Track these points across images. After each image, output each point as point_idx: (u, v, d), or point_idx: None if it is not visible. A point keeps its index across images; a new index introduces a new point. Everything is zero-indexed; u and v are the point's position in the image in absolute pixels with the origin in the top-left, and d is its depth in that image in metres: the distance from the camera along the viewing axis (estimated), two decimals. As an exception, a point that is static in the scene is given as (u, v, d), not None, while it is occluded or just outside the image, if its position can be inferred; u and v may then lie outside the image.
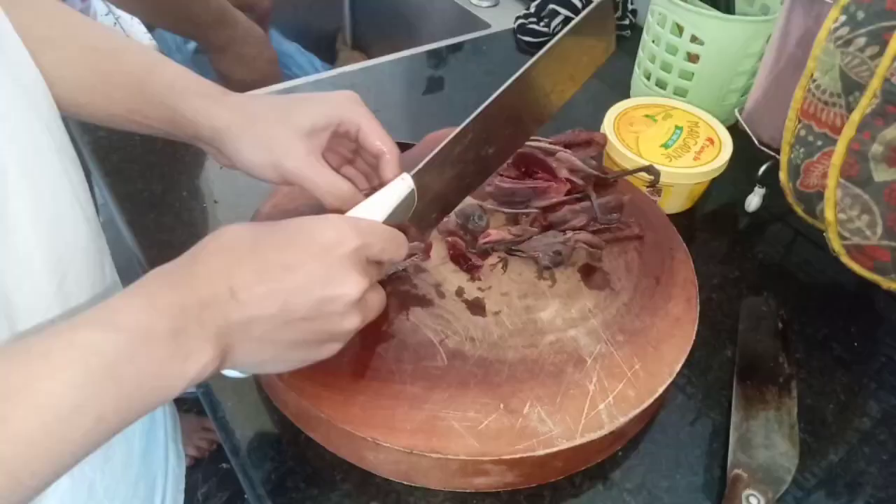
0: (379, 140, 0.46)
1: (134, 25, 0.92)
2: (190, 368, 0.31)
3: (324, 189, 0.44)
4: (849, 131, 0.52)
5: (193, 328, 0.31)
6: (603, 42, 0.51)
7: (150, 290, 0.32)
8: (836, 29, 0.53)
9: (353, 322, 0.36)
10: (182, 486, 0.59)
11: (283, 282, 0.34)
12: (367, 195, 0.44)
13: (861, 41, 0.51)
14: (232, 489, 1.15)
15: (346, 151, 0.51)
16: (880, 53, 0.50)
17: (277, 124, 0.45)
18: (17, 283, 0.36)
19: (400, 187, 0.43)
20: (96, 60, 0.44)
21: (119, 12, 0.94)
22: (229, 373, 0.37)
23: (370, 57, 1.30)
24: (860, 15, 0.51)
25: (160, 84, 0.45)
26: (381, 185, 0.45)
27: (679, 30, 0.73)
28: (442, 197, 0.47)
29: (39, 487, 0.28)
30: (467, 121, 0.45)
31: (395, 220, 0.42)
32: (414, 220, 0.45)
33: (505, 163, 0.55)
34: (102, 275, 0.45)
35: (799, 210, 0.61)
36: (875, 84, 0.49)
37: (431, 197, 0.46)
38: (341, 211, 0.43)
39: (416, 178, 0.43)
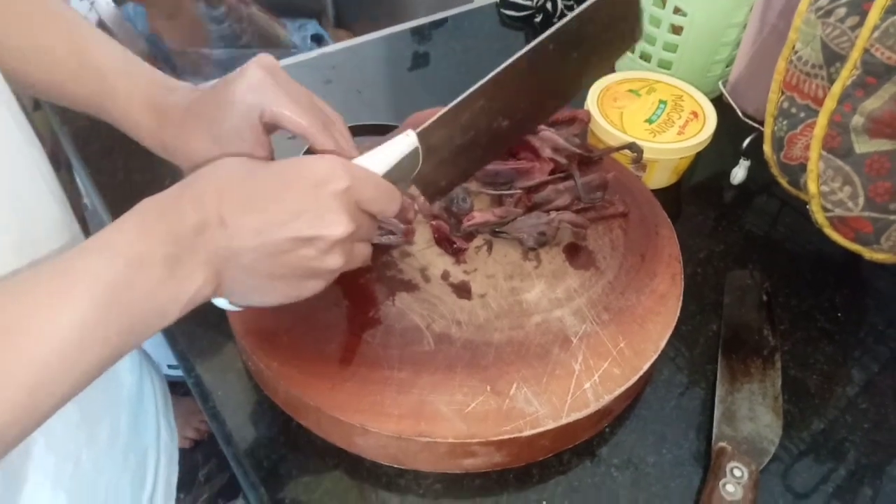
0: (294, 126, 0.41)
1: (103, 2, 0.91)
2: (183, 292, 0.33)
3: (304, 120, 0.41)
4: (830, 103, 0.52)
5: (185, 254, 0.32)
6: (629, 28, 0.49)
7: (143, 218, 0.33)
8: (817, 0, 0.52)
9: (335, 262, 0.36)
10: (176, 459, 0.59)
11: (271, 213, 0.34)
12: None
13: (841, 11, 0.51)
14: (232, 470, 1.17)
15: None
16: (860, 24, 0.50)
17: (215, 148, 0.42)
18: None
19: (403, 143, 0.41)
20: (42, 30, 0.43)
21: (95, -3, 0.93)
22: (219, 302, 0.38)
23: (354, 34, 1.29)
24: (841, -15, 0.51)
25: (89, 69, 0.43)
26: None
27: (662, 2, 0.72)
28: (451, 163, 0.46)
29: (56, 406, 0.30)
30: (477, 85, 0.43)
31: (397, 177, 0.41)
32: (420, 184, 0.45)
33: (520, 139, 0.54)
34: (71, 230, 0.44)
35: (783, 182, 0.61)
36: (855, 55, 0.49)
37: (439, 161, 0.44)
38: (329, 150, 0.41)
39: (421, 136, 0.42)
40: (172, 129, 0.43)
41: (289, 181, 0.35)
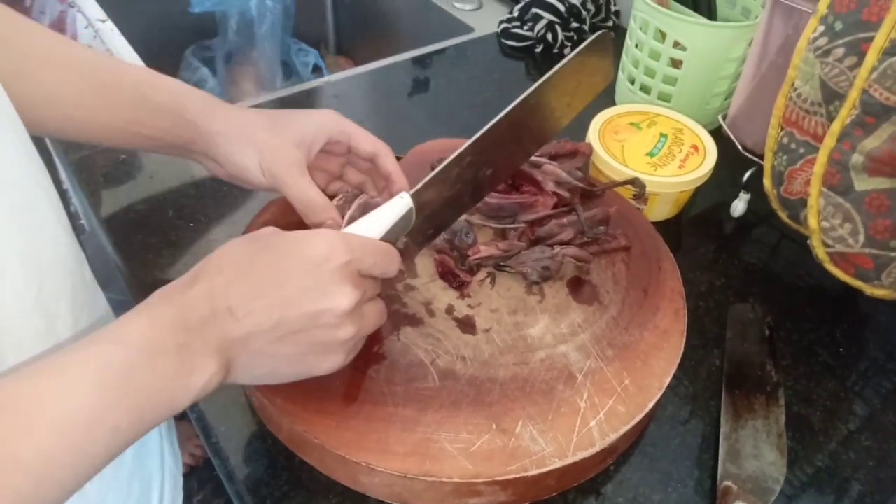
0: (370, 144, 0.51)
1: (114, 38, 0.91)
2: (195, 382, 0.33)
3: (296, 197, 0.47)
4: (829, 141, 0.52)
5: (196, 344, 0.33)
6: (602, 71, 0.51)
7: (155, 310, 0.34)
8: (815, 39, 0.53)
9: (347, 332, 0.37)
10: (180, 485, 0.59)
11: (277, 296, 0.35)
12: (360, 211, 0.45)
13: (840, 52, 0.52)
14: (227, 496, 1.15)
15: (334, 167, 0.55)
16: (858, 64, 0.50)
17: (268, 132, 0.48)
18: (7, 305, 0.36)
19: (399, 205, 0.43)
20: (96, 76, 0.46)
21: (98, 25, 0.94)
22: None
23: (355, 62, 1.30)
24: (838, 25, 0.52)
25: (163, 91, 0.48)
26: (384, 187, 0.49)
27: (662, 36, 0.73)
28: (438, 214, 0.48)
29: (62, 497, 0.29)
30: (465, 145, 0.45)
31: (393, 237, 0.43)
32: (410, 235, 0.46)
33: (502, 182, 0.55)
34: (84, 283, 0.45)
35: (783, 216, 0.62)
36: (854, 95, 0.50)
37: (428, 214, 0.46)
38: (318, 223, 0.46)
39: (414, 196, 0.44)
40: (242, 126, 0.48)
41: (291, 263, 0.36)
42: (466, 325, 0.50)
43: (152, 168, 0.68)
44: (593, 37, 0.51)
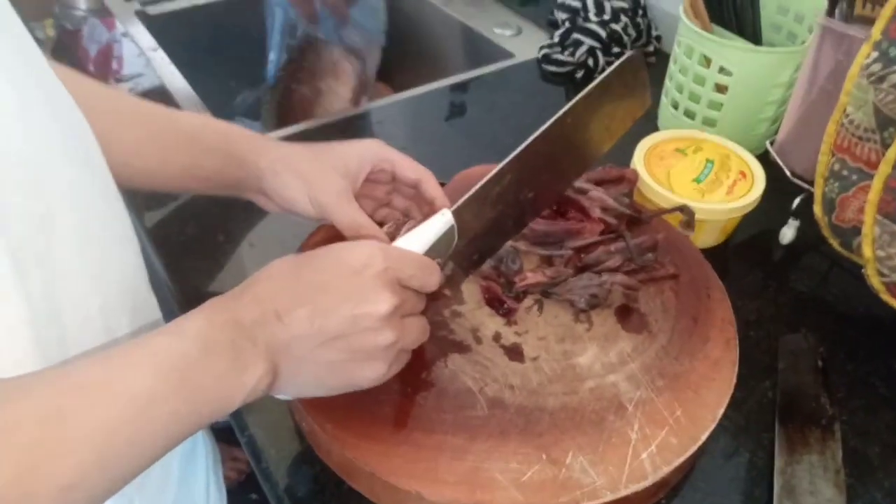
0: (413, 170, 0.52)
1: (165, 66, 0.95)
2: (247, 380, 0.35)
3: (345, 224, 0.49)
4: (885, 168, 0.51)
5: (247, 344, 0.35)
6: (637, 96, 0.52)
7: (210, 311, 0.36)
8: (869, 65, 0.53)
9: (386, 338, 0.38)
10: None
11: (319, 302, 0.37)
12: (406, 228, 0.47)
13: (895, 78, 0.51)
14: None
15: (380, 194, 0.56)
16: (916, 91, 0.50)
17: (313, 164, 0.50)
18: (67, 300, 0.38)
19: (439, 222, 0.44)
20: (151, 124, 0.49)
21: (150, 54, 0.97)
22: (280, 395, 0.39)
23: (394, 88, 1.32)
24: (893, 51, 0.51)
25: (214, 133, 0.51)
26: (428, 212, 0.49)
27: (706, 61, 0.73)
28: (482, 238, 0.49)
29: (121, 476, 0.31)
30: (503, 163, 0.46)
31: (435, 254, 0.44)
32: (455, 259, 0.47)
33: (546, 208, 0.56)
34: (146, 300, 0.47)
35: (835, 244, 0.61)
36: (912, 122, 0.49)
37: (471, 237, 0.47)
38: None
39: (455, 214, 0.45)
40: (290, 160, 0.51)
41: (332, 272, 0.38)
42: (514, 352, 0.50)
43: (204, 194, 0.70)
44: (624, 57, 0.51)
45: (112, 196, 0.43)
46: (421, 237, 0.43)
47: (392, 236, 0.51)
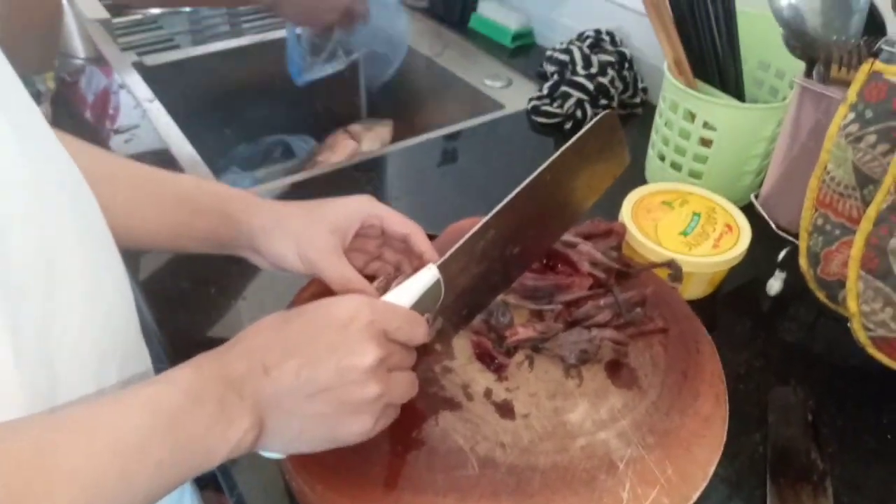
0: (402, 225, 0.53)
1: (160, 117, 0.96)
2: (232, 434, 0.35)
3: (334, 279, 0.50)
4: (866, 225, 0.52)
5: (234, 398, 0.36)
6: (615, 154, 0.53)
7: (199, 364, 0.37)
8: (846, 125, 0.54)
9: (372, 390, 0.38)
10: None
11: (306, 354, 0.38)
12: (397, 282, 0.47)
13: (871, 138, 0.53)
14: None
15: (371, 248, 0.57)
16: (891, 151, 0.51)
17: (303, 222, 0.51)
18: (58, 344, 0.38)
19: (426, 276, 0.45)
20: (147, 187, 0.51)
21: (146, 105, 0.99)
22: (266, 453, 0.40)
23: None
24: (868, 113, 0.53)
25: (208, 195, 0.52)
26: (418, 266, 0.50)
27: (691, 116, 0.75)
28: (470, 293, 0.49)
29: None
30: (486, 218, 0.47)
31: (422, 309, 0.44)
32: (445, 314, 0.47)
33: (532, 264, 0.56)
34: (138, 351, 0.47)
35: (821, 296, 0.62)
36: (889, 181, 0.50)
37: (459, 292, 0.48)
38: None
39: (441, 268, 0.45)
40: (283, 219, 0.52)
41: (319, 325, 0.39)
42: (505, 409, 0.50)
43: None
44: (598, 116, 0.52)
45: (109, 247, 0.43)
46: (407, 291, 0.44)
47: (383, 290, 0.52)
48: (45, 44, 0.83)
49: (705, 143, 0.75)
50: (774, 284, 0.68)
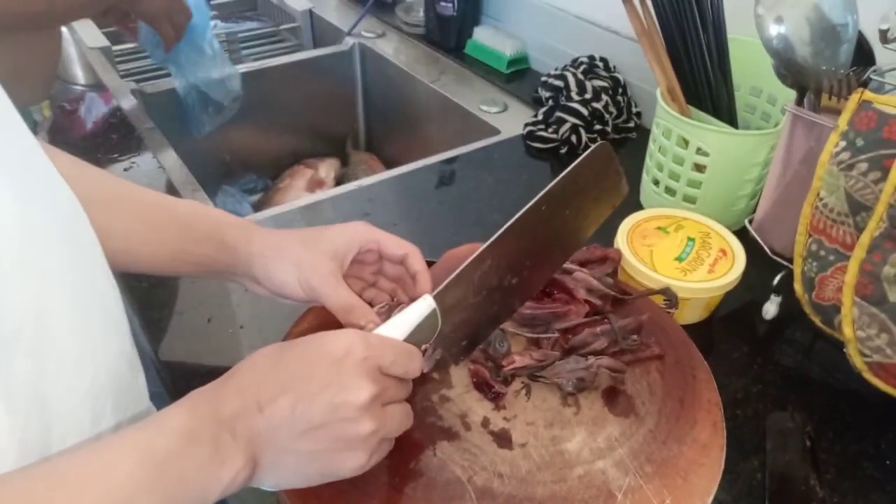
0: (398, 246, 0.54)
1: (159, 143, 0.97)
2: (225, 474, 0.35)
3: (336, 305, 0.50)
4: (860, 252, 0.53)
5: (227, 437, 0.36)
6: (612, 185, 0.54)
7: (193, 403, 0.37)
8: (838, 153, 0.55)
9: (366, 427, 0.38)
10: None
11: (299, 390, 0.38)
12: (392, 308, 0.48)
13: (863, 166, 0.53)
14: None
15: (367, 275, 0.57)
16: (883, 178, 0.52)
17: (303, 248, 0.51)
18: (53, 386, 0.37)
19: (421, 307, 0.45)
20: (145, 211, 0.51)
21: (145, 132, 0.99)
22: (263, 486, 0.40)
23: (381, 159, 1.35)
24: (860, 142, 0.53)
25: (206, 221, 0.52)
26: (413, 296, 0.51)
27: (685, 142, 0.75)
28: (468, 324, 0.49)
29: None
30: (483, 247, 0.48)
31: (418, 340, 0.45)
32: (443, 345, 0.47)
33: (532, 295, 0.56)
34: (134, 386, 0.46)
35: (817, 321, 0.62)
36: (881, 209, 0.51)
37: (457, 322, 0.48)
38: (359, 327, 0.48)
39: (437, 298, 0.45)
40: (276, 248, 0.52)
41: (313, 361, 0.39)
42: (503, 439, 0.50)
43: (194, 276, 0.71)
44: (591, 148, 0.53)
45: (105, 280, 0.43)
46: (403, 323, 0.44)
47: (385, 317, 0.52)
48: (45, 74, 0.84)
49: (699, 168, 0.76)
50: (770, 309, 0.68)
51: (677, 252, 0.67)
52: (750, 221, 0.73)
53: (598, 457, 0.49)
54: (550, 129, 0.97)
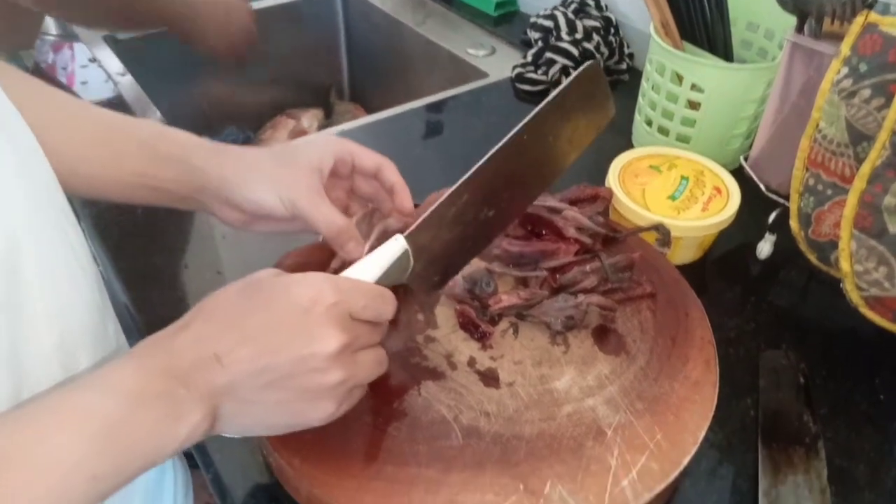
0: (372, 159, 0.52)
1: (133, 91, 0.93)
2: (181, 429, 0.33)
3: (321, 223, 0.47)
4: (859, 183, 0.51)
5: (182, 391, 0.33)
6: (599, 106, 0.51)
7: (143, 357, 0.34)
8: (839, 81, 0.52)
9: (335, 377, 0.36)
10: None
11: (264, 343, 0.35)
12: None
13: (866, 93, 0.51)
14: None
15: (342, 194, 0.54)
16: (887, 105, 0.50)
17: (279, 165, 0.48)
18: (24, 341, 0.36)
19: (393, 248, 0.43)
20: (100, 127, 0.47)
21: (118, 79, 0.95)
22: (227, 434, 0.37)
23: (366, 109, 1.31)
24: (863, 67, 0.51)
25: (171, 143, 0.48)
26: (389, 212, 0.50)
27: (679, 78, 0.73)
28: (442, 258, 0.47)
29: None
30: (460, 182, 0.45)
31: (390, 281, 0.42)
32: (414, 282, 0.45)
33: (510, 225, 0.54)
34: (105, 335, 0.45)
35: (812, 258, 0.60)
36: (884, 136, 0.49)
37: (430, 258, 0.45)
38: (340, 244, 0.47)
39: (409, 238, 0.43)
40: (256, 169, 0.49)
41: (278, 309, 0.36)
42: (489, 378, 0.48)
43: (169, 220, 0.68)
44: (581, 68, 0.50)
45: (71, 227, 0.41)
46: (374, 264, 0.42)
47: (363, 231, 0.51)
48: (33, 20, 0.81)
49: (693, 106, 0.73)
50: (764, 248, 0.66)
51: (670, 190, 0.64)
52: (745, 159, 0.71)
53: (588, 395, 0.47)
54: (540, 71, 0.93)
